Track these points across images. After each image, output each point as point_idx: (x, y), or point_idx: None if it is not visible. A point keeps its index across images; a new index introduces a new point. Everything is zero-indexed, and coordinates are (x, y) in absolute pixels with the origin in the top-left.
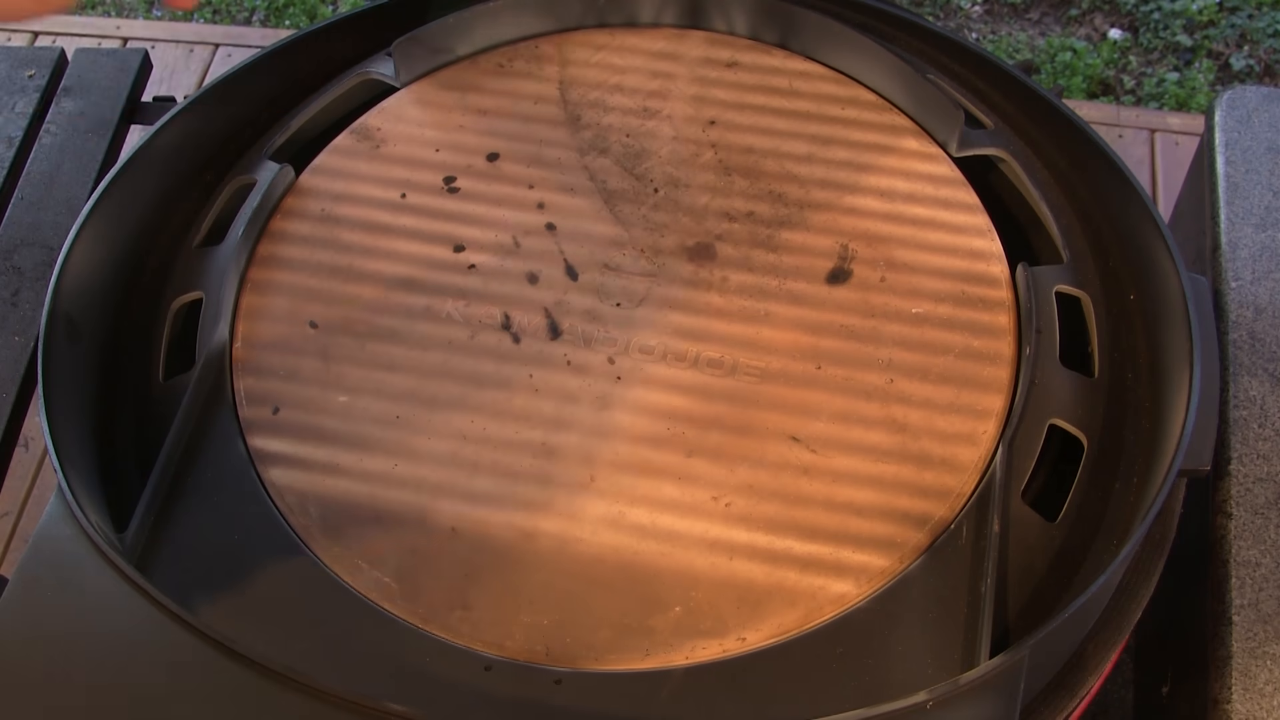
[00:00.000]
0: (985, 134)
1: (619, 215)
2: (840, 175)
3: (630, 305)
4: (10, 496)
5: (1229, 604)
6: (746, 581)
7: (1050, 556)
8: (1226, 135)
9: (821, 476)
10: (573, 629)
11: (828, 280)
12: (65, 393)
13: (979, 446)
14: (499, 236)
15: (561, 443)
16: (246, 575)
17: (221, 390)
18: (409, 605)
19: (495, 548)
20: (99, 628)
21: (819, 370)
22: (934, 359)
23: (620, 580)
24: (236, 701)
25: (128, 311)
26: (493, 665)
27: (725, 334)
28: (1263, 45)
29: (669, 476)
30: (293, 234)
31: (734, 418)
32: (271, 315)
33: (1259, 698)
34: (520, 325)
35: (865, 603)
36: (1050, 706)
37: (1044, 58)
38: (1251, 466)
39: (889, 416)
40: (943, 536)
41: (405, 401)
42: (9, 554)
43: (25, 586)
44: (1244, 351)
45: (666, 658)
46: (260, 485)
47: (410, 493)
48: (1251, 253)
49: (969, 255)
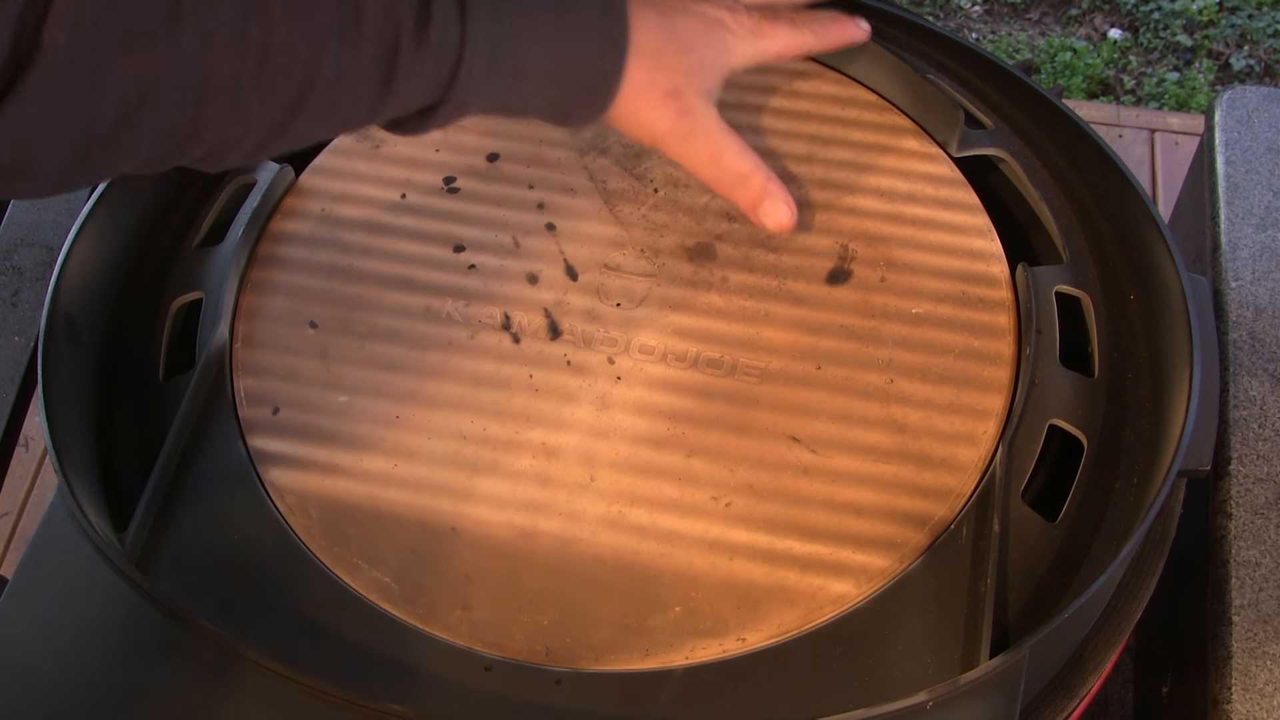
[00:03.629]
0: (985, 134)
1: (619, 215)
2: (840, 175)
3: (630, 305)
4: (10, 496)
5: (1229, 604)
6: (746, 581)
7: (1050, 556)
8: (1226, 135)
9: (821, 476)
10: (573, 629)
11: (828, 280)
12: (65, 393)
13: (979, 446)
14: (499, 236)
15: (561, 443)
16: (246, 575)
17: (221, 390)
18: (409, 605)
19: (495, 548)
20: (99, 628)
21: (819, 370)
22: (934, 359)
23: (620, 580)
24: (237, 701)
25: (128, 311)
26: (493, 665)
27: (725, 334)
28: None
29: (669, 476)
30: (293, 234)
31: (734, 418)
32: (271, 315)
33: (1259, 698)
34: (520, 325)
35: (865, 603)
36: (1050, 706)
37: (1044, 58)
38: (1251, 466)
39: (889, 416)
40: (943, 536)
41: (405, 401)
42: (9, 554)
43: (25, 586)
44: (1244, 351)
45: (666, 658)
46: (260, 485)
47: (410, 493)
48: (1251, 253)
49: (969, 255)
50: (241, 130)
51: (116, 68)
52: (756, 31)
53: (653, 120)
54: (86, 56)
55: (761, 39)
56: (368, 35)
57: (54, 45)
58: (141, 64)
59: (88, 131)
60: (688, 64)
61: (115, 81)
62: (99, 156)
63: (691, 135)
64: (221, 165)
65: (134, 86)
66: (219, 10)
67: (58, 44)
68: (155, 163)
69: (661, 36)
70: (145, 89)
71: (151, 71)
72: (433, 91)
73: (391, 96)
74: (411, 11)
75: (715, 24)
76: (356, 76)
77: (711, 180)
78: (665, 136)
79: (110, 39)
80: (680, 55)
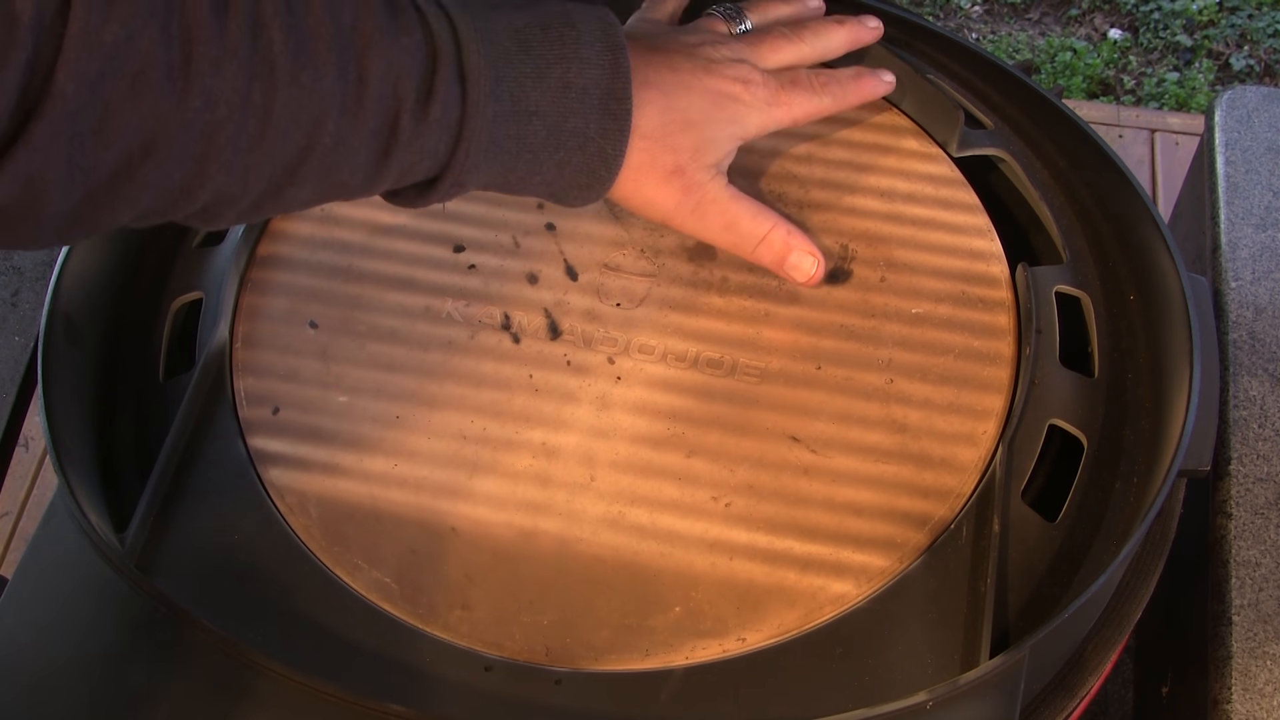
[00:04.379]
0: (985, 134)
1: (619, 215)
2: (840, 175)
3: (630, 305)
4: (10, 496)
5: (1229, 604)
6: (746, 582)
7: (1050, 556)
8: (1226, 135)
9: (821, 476)
10: (573, 629)
11: (827, 280)
12: (65, 393)
13: (979, 446)
14: (499, 236)
15: (561, 443)
16: (246, 575)
17: (221, 390)
18: (409, 605)
19: (495, 548)
20: (99, 628)
21: (819, 370)
22: (934, 359)
23: (620, 580)
24: (236, 701)
25: (128, 311)
26: (493, 665)
27: (725, 334)
28: (1263, 45)
29: (669, 476)
30: (293, 234)
31: (734, 418)
32: (271, 315)
33: (1259, 698)
34: (520, 325)
35: (865, 603)
36: (1050, 706)
37: (1044, 58)
38: (1251, 466)
39: (889, 416)
40: (943, 536)
41: (405, 401)
42: (9, 554)
43: (25, 586)
44: (1244, 351)
45: (666, 658)
46: (260, 485)
47: (410, 493)
48: (1251, 253)
49: (969, 255)
50: (239, 189)
51: (121, 119)
52: (772, 101)
53: (657, 199)
54: (93, 107)
55: (777, 108)
56: (369, 107)
57: (62, 95)
58: (146, 116)
59: (91, 180)
60: (692, 142)
61: (119, 132)
62: (101, 205)
63: (700, 208)
64: (215, 224)
65: (138, 137)
66: (225, 70)
67: (66, 94)
68: (153, 215)
69: (665, 118)
70: (149, 141)
71: (155, 125)
72: (430, 167)
73: (388, 169)
74: (414, 86)
75: (725, 98)
76: (356, 146)
77: (731, 247)
78: (673, 214)
79: (117, 90)
80: (683, 134)
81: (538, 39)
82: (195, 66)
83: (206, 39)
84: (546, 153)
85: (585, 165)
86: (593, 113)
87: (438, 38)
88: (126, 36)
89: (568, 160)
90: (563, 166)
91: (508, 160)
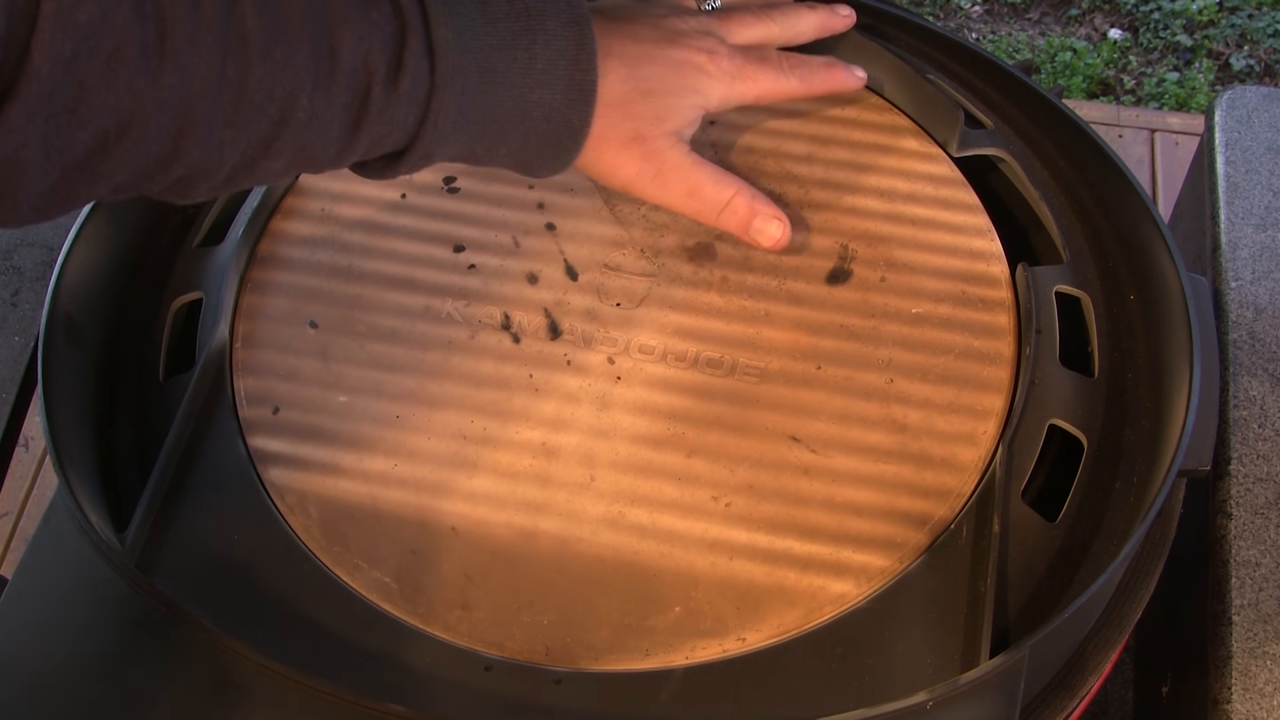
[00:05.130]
0: (985, 134)
1: (619, 215)
2: (840, 175)
3: (630, 305)
4: (10, 496)
5: (1229, 604)
6: (746, 581)
7: (1050, 556)
8: (1226, 135)
9: (821, 476)
10: (573, 629)
11: (827, 280)
12: (65, 393)
13: (979, 446)
14: (499, 236)
15: (561, 443)
16: (246, 575)
17: (221, 390)
18: (409, 605)
19: (495, 548)
20: (99, 628)
21: (819, 370)
22: (934, 359)
23: (620, 580)
24: (236, 701)
25: (128, 311)
26: (492, 665)
27: (725, 334)
28: (1263, 45)
29: (669, 476)
30: (293, 234)
31: (734, 418)
32: (271, 315)
33: (1259, 698)
34: (520, 325)
35: (865, 603)
36: (1050, 706)
37: (1044, 58)
38: (1251, 466)
39: (889, 416)
40: (943, 536)
41: (405, 401)
42: (9, 554)
43: (25, 586)
44: (1244, 351)
45: (666, 658)
46: (260, 485)
47: (410, 493)
48: (1251, 253)
49: (969, 255)
50: (214, 163)
51: (97, 98)
52: (737, 74)
53: (618, 166)
54: (68, 86)
55: (741, 82)
56: (340, 80)
57: (37, 76)
58: (121, 95)
59: (67, 159)
60: (653, 110)
61: (95, 111)
62: (78, 183)
63: (661, 175)
64: (190, 197)
65: (114, 116)
66: (199, 47)
67: (40, 74)
68: (128, 189)
69: (626, 87)
70: (125, 120)
71: (131, 103)
72: (399, 139)
73: (358, 141)
74: (384, 60)
75: (688, 67)
76: (328, 119)
77: (695, 214)
78: (634, 180)
79: (92, 69)
80: (644, 101)
81: (504, 12)
82: (170, 44)
83: (180, 16)
84: (512, 124)
85: (551, 136)
86: (558, 84)
87: (406, 11)
88: (101, 15)
89: (533, 131)
90: (529, 137)
91: (475, 131)
